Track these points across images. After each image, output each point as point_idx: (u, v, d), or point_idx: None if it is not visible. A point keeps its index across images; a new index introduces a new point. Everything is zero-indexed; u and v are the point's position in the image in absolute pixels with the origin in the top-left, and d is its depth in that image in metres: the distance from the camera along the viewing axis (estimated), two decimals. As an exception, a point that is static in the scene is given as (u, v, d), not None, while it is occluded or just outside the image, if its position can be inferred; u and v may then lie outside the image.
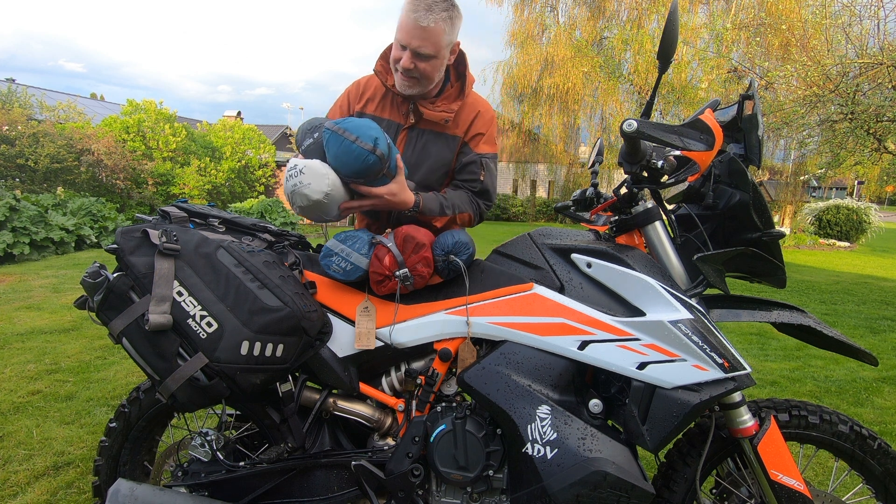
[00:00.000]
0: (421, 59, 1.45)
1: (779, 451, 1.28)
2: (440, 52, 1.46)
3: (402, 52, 1.46)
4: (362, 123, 1.30)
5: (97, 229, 9.10)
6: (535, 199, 20.93)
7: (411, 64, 1.45)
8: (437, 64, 1.49)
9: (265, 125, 28.11)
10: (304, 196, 1.29)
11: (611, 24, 14.65)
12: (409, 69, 1.46)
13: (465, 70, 1.61)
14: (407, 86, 1.51)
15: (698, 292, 1.28)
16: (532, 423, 1.22)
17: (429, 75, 1.49)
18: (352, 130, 1.27)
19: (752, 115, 1.26)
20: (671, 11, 1.12)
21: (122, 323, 1.17)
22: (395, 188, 1.37)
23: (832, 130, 7.64)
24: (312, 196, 1.28)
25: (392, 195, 1.37)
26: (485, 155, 1.61)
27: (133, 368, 3.26)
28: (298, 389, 1.40)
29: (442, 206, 1.52)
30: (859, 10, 7.54)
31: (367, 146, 1.27)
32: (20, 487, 2.02)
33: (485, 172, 1.61)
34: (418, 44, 1.43)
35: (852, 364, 3.62)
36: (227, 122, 16.12)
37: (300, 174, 1.29)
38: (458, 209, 1.55)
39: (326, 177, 1.29)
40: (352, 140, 1.27)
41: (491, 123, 1.65)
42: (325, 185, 1.29)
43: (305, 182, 1.28)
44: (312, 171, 1.29)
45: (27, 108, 13.77)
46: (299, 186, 1.28)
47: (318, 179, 1.28)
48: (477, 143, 1.61)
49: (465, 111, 1.60)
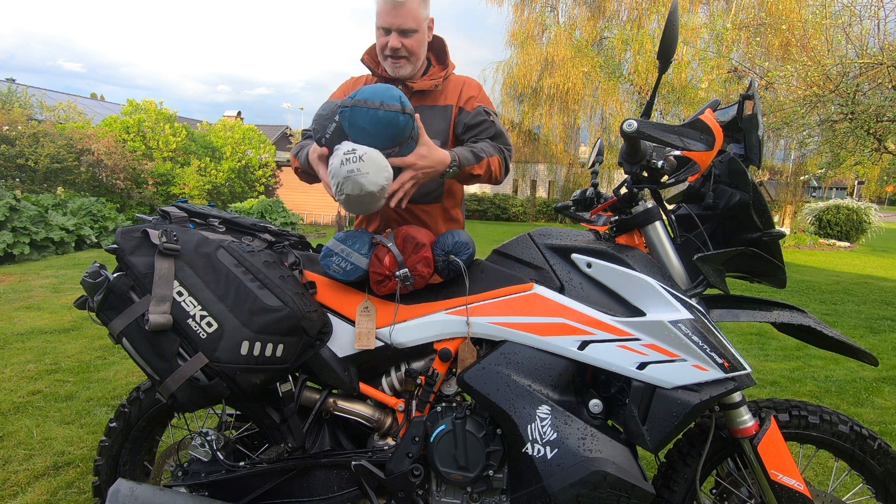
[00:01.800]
0: (406, 36, 1.55)
1: (779, 451, 1.28)
2: (420, 24, 1.56)
3: (386, 36, 1.55)
4: (378, 88, 1.25)
5: (97, 229, 9.10)
6: (535, 199, 20.93)
7: (398, 43, 1.54)
8: (420, 38, 1.58)
9: (265, 125, 28.11)
10: (360, 185, 1.19)
11: (611, 24, 14.66)
12: (398, 48, 1.55)
13: (446, 55, 1.71)
14: (398, 66, 1.59)
15: (698, 292, 1.28)
16: (532, 423, 1.22)
17: (416, 51, 1.59)
18: (372, 98, 1.22)
19: (752, 115, 1.26)
20: (671, 11, 1.12)
21: (122, 323, 1.17)
22: (424, 150, 1.33)
23: (832, 130, 7.65)
24: (368, 187, 1.19)
25: (424, 157, 1.32)
26: (485, 106, 1.65)
27: (133, 368, 3.26)
28: (298, 389, 1.40)
29: (475, 154, 1.49)
30: (859, 10, 7.55)
31: (395, 107, 1.22)
32: (20, 487, 2.02)
33: (492, 116, 1.64)
34: (401, 21, 1.52)
35: (852, 364, 3.62)
36: (227, 122, 16.12)
37: (360, 161, 1.19)
38: (488, 153, 1.54)
39: (386, 169, 1.22)
40: (377, 107, 1.21)
41: (480, 89, 1.70)
42: (384, 178, 1.21)
43: (364, 171, 1.19)
44: (373, 161, 1.20)
45: (27, 108, 13.78)
46: (356, 174, 1.19)
47: (377, 171, 1.20)
48: (472, 103, 1.66)
49: (451, 84, 1.69)
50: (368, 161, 1.20)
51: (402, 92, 1.28)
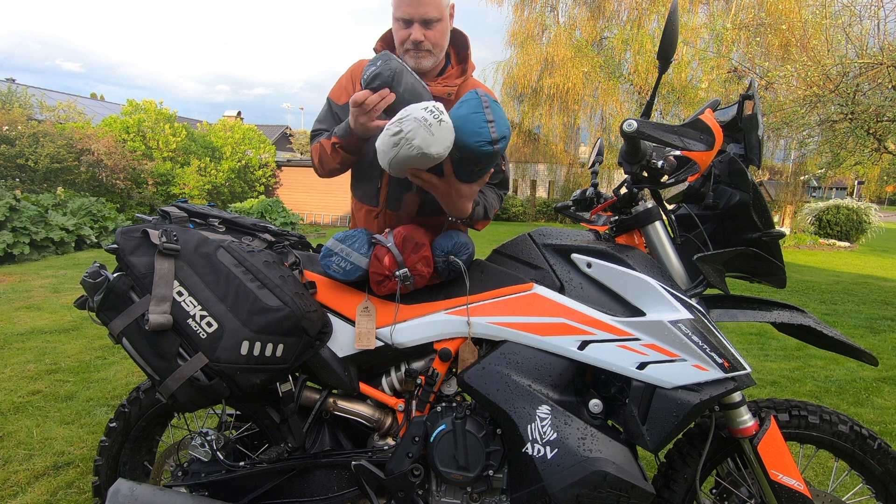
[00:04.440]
0: (429, 27, 1.44)
1: (779, 451, 1.28)
2: (443, 12, 1.45)
3: (407, 28, 1.44)
4: (506, 118, 1.20)
5: (97, 229, 9.10)
6: (535, 199, 20.93)
7: (421, 35, 1.43)
8: (443, 28, 1.47)
9: (265, 125, 28.13)
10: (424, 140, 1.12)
11: (611, 24, 14.66)
12: (420, 41, 1.44)
13: (468, 54, 1.59)
14: (421, 59, 1.48)
15: (698, 292, 1.28)
16: (532, 423, 1.22)
17: (439, 42, 1.48)
18: (494, 112, 1.17)
19: (752, 115, 1.26)
20: (671, 11, 1.12)
21: (122, 323, 1.17)
22: (467, 191, 1.29)
23: (832, 130, 7.65)
24: (426, 147, 1.12)
25: (459, 196, 1.29)
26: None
27: (133, 368, 3.26)
28: (298, 389, 1.40)
29: (486, 210, 1.47)
30: (859, 10, 7.55)
31: (494, 135, 1.15)
32: (20, 487, 2.02)
33: (504, 162, 1.58)
34: (423, 11, 1.41)
35: (852, 364, 3.62)
36: (227, 122, 16.13)
37: (439, 122, 1.12)
38: (491, 207, 1.52)
39: (448, 148, 1.16)
40: (488, 119, 1.15)
41: None
42: (444, 148, 1.15)
43: (435, 132, 1.12)
44: (448, 131, 1.14)
45: (27, 108, 13.78)
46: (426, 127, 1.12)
47: (443, 140, 1.14)
48: None
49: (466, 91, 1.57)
50: (445, 128, 1.15)
51: (510, 136, 1.21)
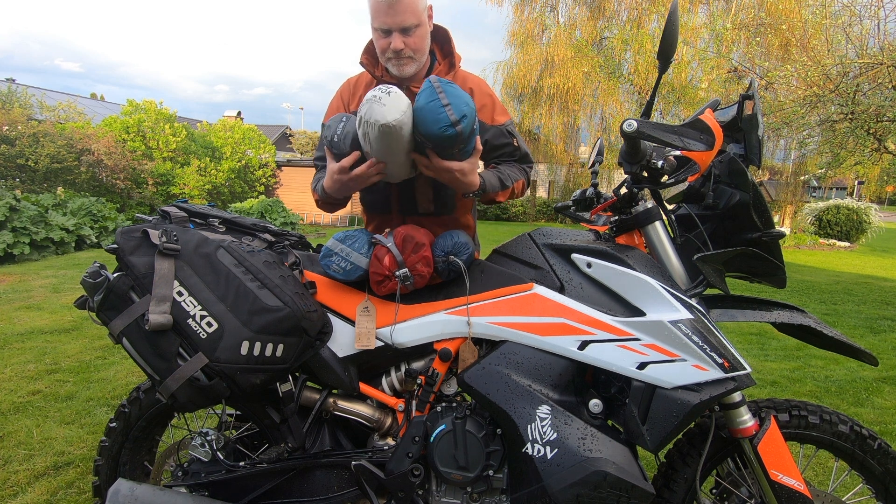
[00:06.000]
0: (409, 34, 1.42)
1: (779, 451, 1.28)
2: (420, 17, 1.43)
3: (386, 37, 1.43)
4: (463, 95, 1.23)
5: (97, 229, 9.10)
6: (535, 199, 20.94)
7: (401, 44, 1.42)
8: (422, 32, 1.46)
9: (265, 125, 28.13)
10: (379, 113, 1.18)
11: (611, 24, 14.65)
12: (401, 49, 1.42)
13: (451, 47, 1.59)
14: (403, 66, 1.47)
15: (698, 292, 1.28)
16: (532, 423, 1.22)
17: (420, 47, 1.47)
18: (449, 95, 1.20)
19: (752, 115, 1.26)
20: (671, 11, 1.12)
21: (122, 323, 1.17)
22: (466, 167, 1.31)
23: (832, 130, 7.65)
24: (384, 117, 1.17)
25: (462, 174, 1.32)
26: (504, 123, 1.59)
27: (133, 368, 3.26)
28: (298, 389, 1.40)
29: (501, 180, 1.49)
30: (859, 10, 7.54)
31: (452, 117, 1.18)
32: (20, 487, 2.02)
33: (515, 137, 1.60)
34: (401, 19, 1.39)
35: (852, 364, 3.62)
36: (227, 122, 16.14)
37: (386, 94, 1.19)
38: (513, 178, 1.54)
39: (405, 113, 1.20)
40: (443, 104, 1.19)
41: (492, 96, 1.61)
42: (400, 112, 1.19)
43: (384, 102, 1.18)
44: (398, 98, 1.20)
45: (27, 108, 13.78)
46: (375, 102, 1.18)
47: (395, 106, 1.18)
48: (489, 114, 1.57)
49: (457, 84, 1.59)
50: (394, 97, 1.19)
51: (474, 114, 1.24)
